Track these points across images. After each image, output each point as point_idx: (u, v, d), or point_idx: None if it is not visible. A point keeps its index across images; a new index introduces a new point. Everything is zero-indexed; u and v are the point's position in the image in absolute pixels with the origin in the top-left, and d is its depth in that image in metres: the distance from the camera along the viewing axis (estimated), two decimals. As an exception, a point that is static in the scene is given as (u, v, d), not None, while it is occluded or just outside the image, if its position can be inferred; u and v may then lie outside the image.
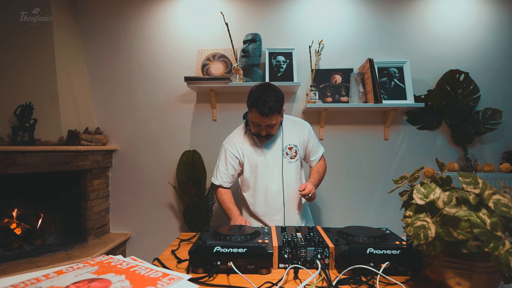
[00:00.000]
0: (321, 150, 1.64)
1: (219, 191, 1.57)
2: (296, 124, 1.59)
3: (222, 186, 1.57)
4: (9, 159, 1.81)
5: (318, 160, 1.64)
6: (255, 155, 1.52)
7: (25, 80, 2.08)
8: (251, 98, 1.39)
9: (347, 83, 2.29)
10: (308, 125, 1.61)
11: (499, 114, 2.23)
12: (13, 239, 2.02)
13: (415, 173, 0.95)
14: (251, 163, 1.53)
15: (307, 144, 1.58)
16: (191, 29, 2.40)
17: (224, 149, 1.57)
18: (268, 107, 1.33)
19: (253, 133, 1.48)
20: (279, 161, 1.51)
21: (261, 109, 1.33)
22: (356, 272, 0.91)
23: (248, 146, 1.54)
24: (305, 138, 1.57)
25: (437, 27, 2.33)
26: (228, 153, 1.54)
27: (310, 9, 2.36)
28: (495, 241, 0.66)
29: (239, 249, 0.92)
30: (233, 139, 1.57)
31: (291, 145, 1.52)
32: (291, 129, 1.56)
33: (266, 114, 1.34)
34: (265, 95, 1.35)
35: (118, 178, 2.48)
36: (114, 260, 0.84)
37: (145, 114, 2.45)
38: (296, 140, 1.54)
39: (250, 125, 1.47)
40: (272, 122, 1.38)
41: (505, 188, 0.79)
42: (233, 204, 1.50)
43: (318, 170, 1.61)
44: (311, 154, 1.61)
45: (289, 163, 1.52)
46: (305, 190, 1.39)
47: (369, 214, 2.39)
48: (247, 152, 1.53)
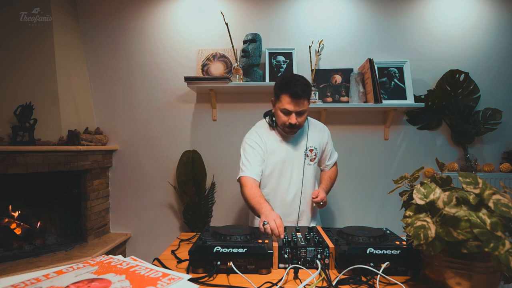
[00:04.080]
0: (335, 155, 1.62)
1: (247, 185, 1.36)
2: (317, 126, 1.56)
3: (252, 178, 1.38)
4: (9, 159, 1.81)
5: (332, 165, 1.61)
6: (277, 152, 1.46)
7: (25, 80, 2.08)
8: (280, 84, 1.34)
9: (347, 83, 2.29)
10: (327, 129, 1.58)
11: (499, 114, 2.23)
12: (13, 239, 2.02)
13: (415, 173, 0.95)
14: (273, 160, 1.46)
15: (325, 148, 1.55)
16: (191, 29, 2.40)
17: (250, 141, 1.47)
18: (301, 89, 1.29)
19: (281, 125, 1.41)
20: (301, 162, 1.47)
21: (294, 91, 1.29)
22: (356, 272, 0.91)
23: (272, 141, 1.47)
24: (324, 142, 1.54)
25: (437, 27, 2.33)
26: (255, 144, 1.45)
27: (310, 9, 2.36)
28: (495, 241, 0.66)
29: (239, 249, 0.92)
30: (258, 132, 1.49)
31: (312, 147, 1.49)
32: (314, 131, 1.52)
33: (299, 96, 1.29)
34: (295, 78, 1.32)
35: (118, 178, 2.48)
36: (114, 260, 0.84)
37: (145, 114, 2.45)
38: (317, 143, 1.51)
39: (278, 116, 1.39)
40: (303, 107, 1.33)
41: (505, 188, 0.79)
42: (264, 199, 1.31)
43: (330, 176, 1.59)
44: (326, 159, 1.58)
45: (308, 165, 1.49)
46: (317, 197, 1.39)
47: (369, 214, 2.39)
48: (270, 147, 1.46)
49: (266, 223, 1.06)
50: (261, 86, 2.21)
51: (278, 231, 1.03)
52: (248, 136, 1.50)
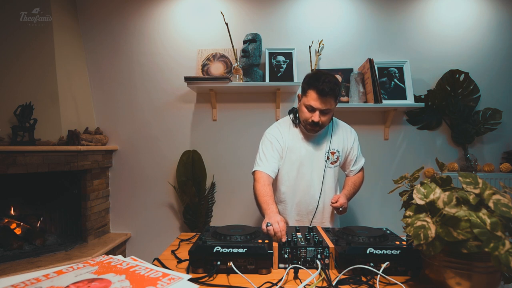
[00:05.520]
0: (362, 161, 1.54)
1: (260, 181, 1.34)
2: (343, 129, 1.50)
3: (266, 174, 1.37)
4: (9, 159, 1.81)
5: (358, 171, 1.53)
6: (298, 151, 1.42)
7: (25, 80, 2.08)
8: (309, 79, 1.32)
9: (347, 83, 2.29)
10: (354, 133, 1.52)
11: (499, 114, 2.23)
12: (13, 239, 2.02)
13: (415, 173, 0.95)
14: (292, 159, 1.42)
15: (350, 153, 1.49)
16: (191, 29, 2.40)
17: (270, 135, 1.44)
18: (329, 87, 1.26)
19: (303, 122, 1.38)
20: (322, 164, 1.43)
21: (321, 87, 1.26)
22: (356, 272, 0.91)
23: (293, 139, 1.44)
24: (349, 146, 1.48)
25: (437, 27, 2.33)
26: (274, 140, 1.42)
27: (310, 9, 2.36)
28: (495, 241, 0.66)
29: (239, 249, 0.92)
30: (279, 127, 1.46)
31: (334, 150, 1.44)
32: (338, 133, 1.47)
33: (326, 94, 1.26)
34: (324, 76, 1.29)
35: (118, 178, 2.48)
36: (114, 260, 0.84)
37: (145, 114, 2.45)
38: (340, 146, 1.46)
39: (302, 112, 1.36)
40: (329, 106, 1.30)
41: (505, 188, 0.79)
42: (273, 200, 1.29)
43: (354, 182, 1.52)
44: (351, 164, 1.51)
45: (329, 168, 1.44)
46: (337, 203, 1.35)
47: (369, 214, 2.39)
48: (290, 145, 1.43)
49: (270, 224, 1.06)
50: (261, 86, 2.21)
51: (281, 234, 1.03)
52: (268, 131, 1.48)
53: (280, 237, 1.02)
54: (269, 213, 1.18)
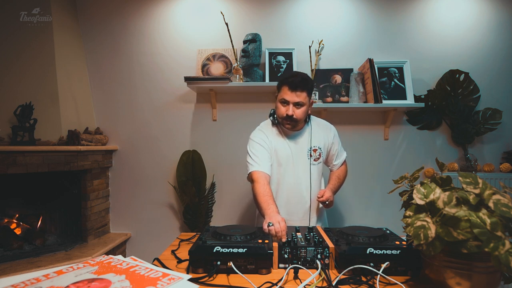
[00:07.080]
0: (344, 155, 1.60)
1: (259, 181, 1.34)
2: (322, 126, 1.55)
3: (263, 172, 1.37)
4: (9, 159, 1.81)
5: (340, 165, 1.60)
6: (282, 149, 1.46)
7: (25, 80, 2.08)
8: (282, 77, 1.43)
9: (347, 83, 2.29)
10: (333, 129, 1.57)
11: (499, 114, 2.23)
12: (13, 239, 2.02)
13: (415, 173, 0.95)
14: (278, 157, 1.47)
15: (331, 148, 1.54)
16: (191, 29, 2.40)
17: (257, 138, 1.48)
18: (299, 80, 1.33)
19: (280, 119, 1.43)
20: (306, 161, 1.47)
21: (291, 80, 1.34)
22: (356, 272, 0.91)
23: (276, 138, 1.48)
24: (329, 142, 1.53)
25: (437, 27, 2.33)
26: (261, 141, 1.46)
27: (310, 9, 2.36)
28: (495, 241, 0.66)
29: (239, 249, 0.92)
30: (263, 130, 1.51)
31: (315, 147, 1.48)
32: (318, 131, 1.51)
33: (296, 86, 1.33)
34: (296, 72, 1.41)
35: (118, 178, 2.48)
36: (114, 260, 0.84)
37: (145, 114, 2.45)
38: (321, 143, 1.50)
39: (277, 108, 1.42)
40: (300, 99, 1.35)
41: (505, 188, 0.79)
42: (273, 199, 1.29)
43: (338, 175, 1.58)
44: (333, 158, 1.56)
45: (313, 165, 1.48)
46: (323, 197, 1.39)
47: (369, 214, 2.39)
48: (275, 144, 1.47)
49: (271, 224, 1.06)
50: (261, 86, 2.21)
51: (282, 234, 1.04)
52: (253, 135, 1.51)
53: (281, 237, 1.03)
54: (270, 213, 1.19)
